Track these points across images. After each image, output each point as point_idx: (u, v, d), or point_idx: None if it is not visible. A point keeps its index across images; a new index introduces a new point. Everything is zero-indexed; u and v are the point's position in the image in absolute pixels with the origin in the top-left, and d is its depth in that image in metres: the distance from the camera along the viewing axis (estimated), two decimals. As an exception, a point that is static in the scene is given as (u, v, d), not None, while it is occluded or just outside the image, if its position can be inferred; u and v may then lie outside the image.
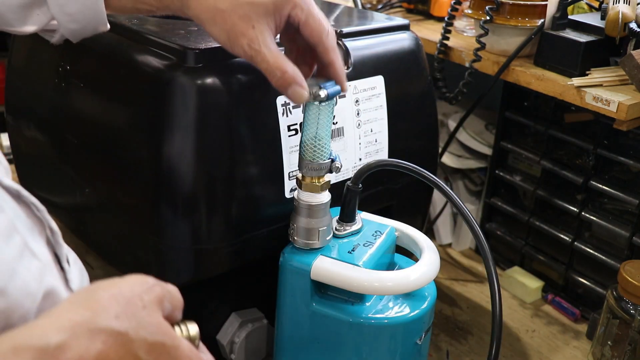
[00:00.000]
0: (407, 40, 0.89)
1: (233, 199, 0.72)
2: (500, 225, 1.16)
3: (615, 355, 0.87)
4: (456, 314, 1.04)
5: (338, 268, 0.67)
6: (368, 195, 0.84)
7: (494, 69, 0.98)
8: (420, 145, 0.94)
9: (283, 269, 0.71)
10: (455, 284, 1.12)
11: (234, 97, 0.70)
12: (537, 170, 1.07)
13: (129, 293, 0.40)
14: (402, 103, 0.88)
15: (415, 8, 1.25)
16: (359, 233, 0.74)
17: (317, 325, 0.70)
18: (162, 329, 0.40)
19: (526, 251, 1.11)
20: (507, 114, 1.08)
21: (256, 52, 0.58)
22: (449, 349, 0.95)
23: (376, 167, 0.73)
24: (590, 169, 0.97)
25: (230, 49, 0.62)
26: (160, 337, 0.39)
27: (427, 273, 0.70)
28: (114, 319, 0.37)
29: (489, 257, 0.70)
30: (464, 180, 1.24)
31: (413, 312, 0.70)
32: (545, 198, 1.05)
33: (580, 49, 0.89)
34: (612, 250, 0.98)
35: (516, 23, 0.96)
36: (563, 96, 0.89)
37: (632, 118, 0.83)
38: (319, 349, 0.72)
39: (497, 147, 1.11)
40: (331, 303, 0.70)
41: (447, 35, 1.05)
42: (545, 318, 1.04)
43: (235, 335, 0.80)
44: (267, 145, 0.74)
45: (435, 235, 1.24)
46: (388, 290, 0.68)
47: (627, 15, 0.86)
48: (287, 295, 0.71)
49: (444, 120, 1.22)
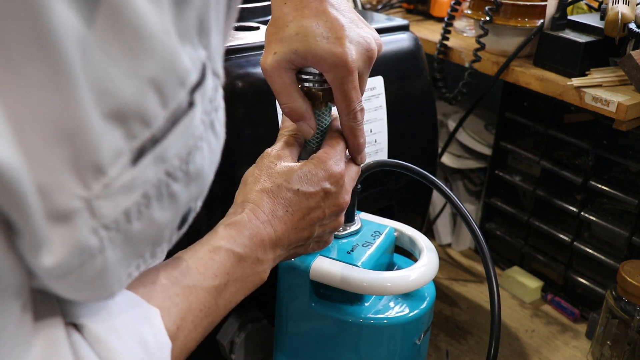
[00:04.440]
0: (407, 41, 0.90)
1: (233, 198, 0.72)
2: (500, 225, 1.16)
3: (615, 355, 0.87)
4: (455, 314, 1.04)
5: (337, 268, 0.67)
6: (368, 195, 0.85)
7: (494, 69, 0.98)
8: (420, 146, 0.94)
9: (282, 269, 0.71)
10: (454, 284, 1.12)
11: (234, 97, 0.71)
12: (536, 170, 1.07)
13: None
14: (402, 103, 0.88)
15: (415, 8, 1.25)
16: (358, 233, 0.74)
17: (316, 325, 0.70)
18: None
19: (525, 251, 1.11)
20: (506, 114, 1.08)
21: (270, 77, 0.57)
22: (448, 349, 0.95)
23: (376, 167, 0.73)
24: (590, 169, 0.97)
25: (265, 50, 0.60)
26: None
27: (426, 273, 0.70)
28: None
29: (488, 257, 0.70)
30: (464, 180, 1.24)
31: (412, 312, 0.70)
32: (544, 198, 1.05)
33: (579, 50, 0.89)
34: (611, 250, 0.99)
35: (516, 23, 0.96)
36: (563, 96, 0.89)
37: (631, 118, 0.83)
38: (318, 349, 0.72)
39: (497, 147, 1.11)
40: (330, 303, 0.70)
41: (446, 35, 1.06)
42: (544, 318, 1.04)
43: (235, 335, 0.80)
44: (267, 145, 0.74)
45: (435, 235, 1.24)
46: (387, 291, 0.68)
47: (627, 15, 0.86)
48: (286, 295, 0.71)
49: (444, 120, 1.22)
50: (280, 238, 0.55)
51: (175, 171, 0.35)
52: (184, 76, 0.33)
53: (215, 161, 0.40)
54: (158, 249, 0.39)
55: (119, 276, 0.36)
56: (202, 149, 0.37)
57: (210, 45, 0.36)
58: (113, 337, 0.38)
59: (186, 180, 0.36)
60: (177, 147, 0.34)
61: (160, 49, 0.31)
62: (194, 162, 0.36)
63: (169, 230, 0.38)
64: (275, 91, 0.58)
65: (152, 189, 0.34)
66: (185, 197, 0.37)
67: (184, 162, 0.35)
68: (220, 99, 0.40)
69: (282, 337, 0.74)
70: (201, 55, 0.35)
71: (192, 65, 0.34)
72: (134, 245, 0.35)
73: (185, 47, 0.33)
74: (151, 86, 0.31)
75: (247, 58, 0.74)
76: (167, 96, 0.32)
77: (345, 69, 0.55)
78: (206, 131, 0.37)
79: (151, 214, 0.35)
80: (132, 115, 0.31)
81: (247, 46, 0.75)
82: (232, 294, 0.51)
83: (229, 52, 0.73)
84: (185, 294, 0.47)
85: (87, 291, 0.35)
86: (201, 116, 0.36)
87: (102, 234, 0.32)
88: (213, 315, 0.50)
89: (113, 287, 0.36)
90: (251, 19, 0.86)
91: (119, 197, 0.32)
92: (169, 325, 0.44)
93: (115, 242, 0.33)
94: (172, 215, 0.37)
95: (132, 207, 0.33)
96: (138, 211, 0.34)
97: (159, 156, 0.33)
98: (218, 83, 0.38)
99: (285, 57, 0.55)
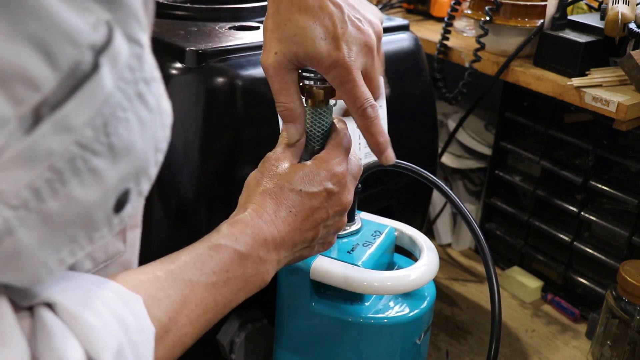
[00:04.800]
0: (407, 41, 0.90)
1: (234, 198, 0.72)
2: (500, 225, 1.16)
3: (615, 355, 0.87)
4: (456, 313, 1.04)
5: (337, 268, 0.67)
6: (368, 195, 0.85)
7: (494, 69, 0.98)
8: (420, 145, 0.94)
9: (282, 269, 0.71)
10: (454, 284, 1.12)
11: (234, 97, 0.71)
12: (536, 170, 1.08)
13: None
14: (402, 103, 0.88)
15: (415, 8, 1.25)
16: (359, 233, 0.74)
17: (316, 325, 0.70)
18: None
19: (526, 251, 1.11)
20: (506, 114, 1.08)
21: (270, 77, 0.58)
22: (448, 349, 0.95)
23: (376, 167, 0.73)
24: (590, 169, 0.98)
25: (264, 48, 0.60)
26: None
27: (427, 273, 0.70)
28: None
29: (489, 257, 0.70)
30: (464, 180, 1.24)
31: (412, 311, 0.70)
32: (544, 198, 1.05)
33: (579, 49, 0.89)
34: (611, 250, 0.99)
35: (516, 23, 0.96)
36: (563, 96, 0.89)
37: (631, 118, 0.83)
38: (318, 349, 0.72)
39: (497, 147, 1.11)
40: (330, 303, 0.70)
41: (446, 35, 1.06)
42: (544, 318, 1.04)
43: (235, 335, 0.80)
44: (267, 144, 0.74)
45: (435, 235, 1.24)
46: (387, 290, 0.68)
47: (627, 15, 0.86)
48: (286, 295, 0.71)
49: (444, 120, 1.22)
50: (284, 239, 0.55)
51: (91, 143, 0.33)
52: (73, 34, 0.30)
53: (153, 138, 0.37)
54: (96, 233, 0.36)
55: (44, 261, 0.34)
56: (127, 121, 0.34)
57: (117, 9, 0.33)
58: (89, 314, 0.37)
59: (111, 156, 0.34)
60: (85, 114, 0.32)
61: (36, 4, 0.29)
62: (117, 134, 0.34)
63: (103, 213, 0.36)
64: (275, 90, 0.58)
65: (62, 162, 0.32)
66: (114, 174, 0.35)
67: (101, 134, 0.33)
68: (152, 70, 0.37)
69: (282, 337, 0.74)
70: (102, 17, 0.32)
71: (87, 25, 0.31)
72: (57, 227, 0.33)
73: (74, 8, 0.31)
74: (31, 44, 0.29)
75: (247, 58, 0.74)
76: (55, 55, 0.30)
77: (343, 69, 0.55)
78: (130, 102, 0.35)
79: (70, 191, 0.32)
80: (12, 77, 0.29)
81: (247, 46, 0.75)
82: (233, 292, 0.51)
83: (229, 52, 0.73)
84: (180, 287, 0.46)
85: (6, 275, 0.33)
86: (117, 83, 0.34)
87: (6, 214, 0.30)
88: (211, 312, 0.49)
89: (39, 272, 0.34)
90: (251, 19, 0.86)
91: (14, 169, 0.30)
92: (159, 315, 0.43)
93: (29, 223, 0.31)
94: (100, 194, 0.34)
95: (38, 181, 0.31)
96: (50, 187, 0.31)
97: (60, 124, 0.31)
98: (140, 51, 0.36)
99: (286, 58, 0.55)
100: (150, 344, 0.41)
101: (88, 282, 0.40)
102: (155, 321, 0.43)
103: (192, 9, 0.87)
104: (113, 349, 0.37)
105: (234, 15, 0.86)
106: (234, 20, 0.85)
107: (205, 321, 0.49)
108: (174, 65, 0.71)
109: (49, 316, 0.36)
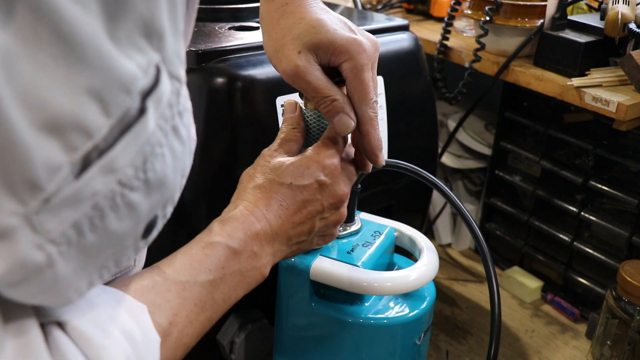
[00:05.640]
0: (407, 41, 0.90)
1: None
2: (500, 225, 1.16)
3: (615, 355, 0.87)
4: (455, 314, 1.04)
5: (337, 268, 0.67)
6: (368, 195, 0.85)
7: (494, 69, 0.98)
8: (420, 145, 0.94)
9: (282, 269, 0.71)
10: (454, 284, 1.12)
11: (234, 98, 0.71)
12: (536, 170, 1.08)
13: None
14: (402, 103, 0.88)
15: (415, 8, 1.25)
16: (358, 233, 0.74)
17: (316, 325, 0.70)
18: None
19: (525, 251, 1.11)
20: (506, 114, 1.08)
21: (301, 78, 0.57)
22: (448, 349, 0.95)
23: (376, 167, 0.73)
24: (590, 169, 0.98)
25: (274, 64, 0.59)
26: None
27: (426, 273, 0.70)
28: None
29: (488, 257, 0.70)
30: (464, 180, 1.24)
31: (412, 312, 0.70)
32: (544, 198, 1.05)
33: (579, 49, 0.89)
34: (611, 250, 0.99)
35: (516, 23, 0.96)
36: (562, 96, 0.89)
37: (631, 118, 0.83)
38: (318, 349, 0.72)
39: (497, 147, 1.11)
40: (330, 303, 0.70)
41: (446, 35, 1.06)
42: (544, 318, 1.04)
43: (235, 336, 0.80)
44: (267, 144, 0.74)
45: (435, 235, 1.24)
46: (387, 291, 0.68)
47: (627, 15, 0.86)
48: (286, 295, 0.71)
49: (444, 120, 1.22)
50: (277, 232, 0.55)
51: (130, 180, 0.34)
52: (127, 82, 0.31)
53: (182, 167, 0.39)
54: (123, 257, 0.38)
55: (76, 285, 0.35)
56: (163, 156, 0.36)
57: (164, 48, 0.35)
58: (98, 333, 0.38)
59: (146, 189, 0.35)
60: (129, 156, 0.33)
61: (93, 54, 0.30)
62: (154, 170, 0.35)
63: (132, 239, 0.37)
64: (313, 89, 0.56)
65: (104, 200, 0.33)
66: (147, 206, 0.36)
67: (140, 171, 0.34)
68: (185, 101, 0.39)
69: (282, 337, 0.74)
70: (153, 59, 0.33)
71: (140, 70, 0.32)
72: (91, 256, 0.34)
73: (128, 52, 0.32)
74: (88, 94, 0.30)
75: (247, 58, 0.74)
76: (109, 104, 0.31)
77: (364, 55, 0.55)
78: (167, 137, 0.36)
79: (107, 225, 0.34)
80: (69, 126, 0.29)
81: (247, 46, 0.75)
82: (231, 288, 0.51)
83: (229, 52, 0.73)
84: (179, 289, 0.47)
85: (41, 299, 0.34)
86: (157, 122, 0.35)
87: (50, 249, 0.31)
88: (210, 310, 0.49)
89: (71, 295, 0.35)
90: (251, 19, 0.86)
91: (62, 211, 0.31)
92: (160, 321, 0.44)
93: (68, 256, 0.32)
94: (132, 224, 0.36)
95: (82, 219, 0.32)
96: (90, 223, 0.33)
97: (107, 167, 0.32)
98: (179, 86, 0.37)
99: (311, 52, 0.55)
100: (156, 355, 0.42)
101: (95, 294, 0.41)
102: (158, 327, 0.43)
103: (192, 9, 0.87)
104: None
105: (234, 15, 0.86)
106: (234, 21, 0.85)
107: (205, 319, 0.49)
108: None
109: (61, 336, 0.37)
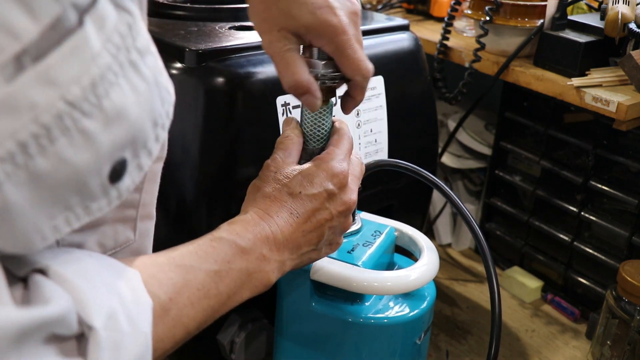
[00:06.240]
0: (407, 41, 0.90)
1: (234, 198, 0.72)
2: (500, 225, 1.16)
3: (615, 355, 0.87)
4: (456, 313, 1.04)
5: (337, 268, 0.67)
6: (368, 195, 0.85)
7: (494, 69, 0.98)
8: (420, 145, 0.94)
9: (283, 268, 0.71)
10: (454, 284, 1.12)
11: (234, 97, 0.71)
12: (536, 170, 1.08)
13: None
14: (402, 103, 0.88)
15: (415, 8, 1.25)
16: (359, 233, 0.74)
17: (316, 325, 0.70)
18: None
19: (526, 251, 1.11)
20: (506, 114, 1.08)
21: (276, 55, 0.57)
22: (448, 349, 0.95)
23: (375, 167, 0.73)
24: (590, 169, 0.98)
25: (259, 34, 0.60)
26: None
27: (427, 273, 0.70)
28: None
29: (489, 257, 0.70)
30: (464, 180, 1.24)
31: (412, 312, 0.70)
32: (544, 198, 1.05)
33: (579, 49, 0.89)
34: (611, 250, 0.99)
35: (516, 23, 0.96)
36: (562, 96, 0.89)
37: (631, 118, 0.83)
38: (318, 349, 0.72)
39: (497, 147, 1.11)
40: (331, 303, 0.70)
41: (446, 35, 1.06)
42: (544, 318, 1.04)
43: (235, 335, 0.80)
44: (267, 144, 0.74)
45: (435, 235, 1.24)
46: (387, 290, 0.68)
47: (627, 15, 0.86)
48: (286, 295, 0.71)
49: (444, 120, 1.22)
50: (287, 240, 0.55)
51: (80, 102, 0.33)
52: None
53: (149, 109, 0.38)
54: (93, 204, 0.36)
55: (37, 225, 0.34)
56: (119, 86, 0.35)
57: None
58: (82, 281, 0.37)
59: (102, 118, 0.34)
60: (70, 70, 0.32)
61: None
62: (109, 98, 0.34)
63: (97, 180, 0.36)
64: (283, 67, 0.57)
65: (49, 117, 0.32)
66: (107, 139, 0.35)
67: (91, 94, 0.33)
68: (148, 43, 0.38)
69: (282, 337, 0.74)
70: None
71: None
72: (48, 189, 0.33)
73: None
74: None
75: (247, 58, 0.74)
76: (34, 8, 0.30)
77: (344, 35, 0.55)
78: (122, 68, 0.35)
79: (59, 150, 0.33)
80: None
81: (247, 46, 0.75)
82: (237, 285, 0.51)
83: (229, 52, 0.73)
84: (182, 272, 0.46)
85: (1, 242, 0.33)
86: (105, 45, 0.34)
87: None
88: (214, 299, 0.48)
89: (32, 237, 0.34)
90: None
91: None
92: (159, 293, 0.43)
93: (17, 180, 0.31)
94: (92, 158, 0.34)
95: (23, 134, 0.31)
96: (38, 144, 0.32)
97: (44, 76, 0.31)
98: (130, 20, 0.36)
99: (289, 32, 0.55)
100: (147, 314, 0.41)
101: (85, 254, 0.40)
102: (155, 298, 0.42)
103: (192, 9, 0.87)
104: (104, 311, 0.37)
105: (234, 15, 0.86)
106: (234, 20, 0.85)
107: (208, 307, 0.48)
108: (174, 65, 0.71)
109: (40, 278, 0.36)
